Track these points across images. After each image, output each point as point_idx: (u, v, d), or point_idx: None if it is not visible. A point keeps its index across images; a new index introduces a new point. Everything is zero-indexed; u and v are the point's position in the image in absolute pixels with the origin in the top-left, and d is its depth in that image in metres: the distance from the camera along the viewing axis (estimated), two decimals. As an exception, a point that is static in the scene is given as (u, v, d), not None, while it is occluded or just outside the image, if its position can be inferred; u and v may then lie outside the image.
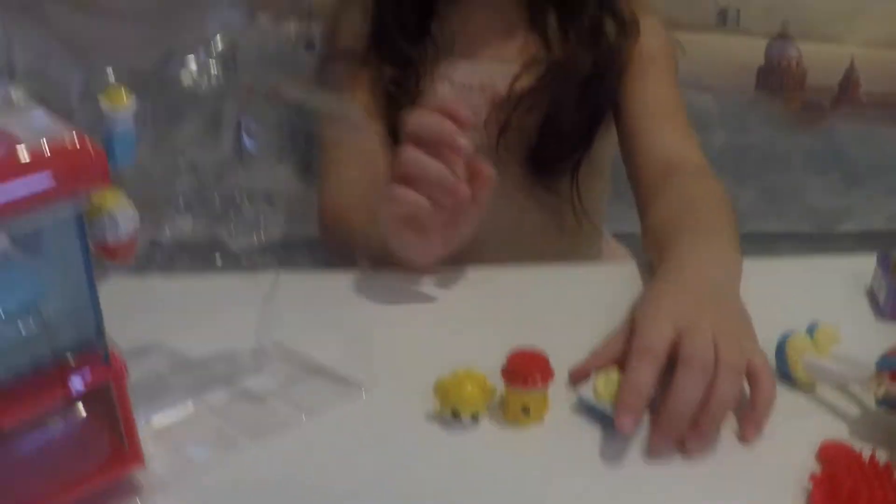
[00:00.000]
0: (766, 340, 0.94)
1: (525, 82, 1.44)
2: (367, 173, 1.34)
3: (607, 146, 1.49)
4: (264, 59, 1.63)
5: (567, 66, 1.43)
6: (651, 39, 1.47)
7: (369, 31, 1.50)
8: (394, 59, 1.48)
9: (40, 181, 0.60)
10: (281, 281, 0.89)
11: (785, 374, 0.93)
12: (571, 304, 1.12)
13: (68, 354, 0.67)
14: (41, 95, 0.71)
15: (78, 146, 0.62)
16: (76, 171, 0.62)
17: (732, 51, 2.20)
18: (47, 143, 0.61)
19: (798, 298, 1.10)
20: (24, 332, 0.64)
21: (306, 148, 1.31)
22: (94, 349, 0.68)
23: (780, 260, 1.34)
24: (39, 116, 0.67)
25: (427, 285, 1.15)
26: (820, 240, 2.40)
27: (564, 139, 1.43)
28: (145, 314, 0.97)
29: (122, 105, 0.70)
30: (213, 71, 0.86)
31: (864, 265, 1.18)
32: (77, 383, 0.67)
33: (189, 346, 0.95)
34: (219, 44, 0.87)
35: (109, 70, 0.77)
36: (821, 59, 2.24)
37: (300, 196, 1.28)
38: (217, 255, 0.87)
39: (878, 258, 1.15)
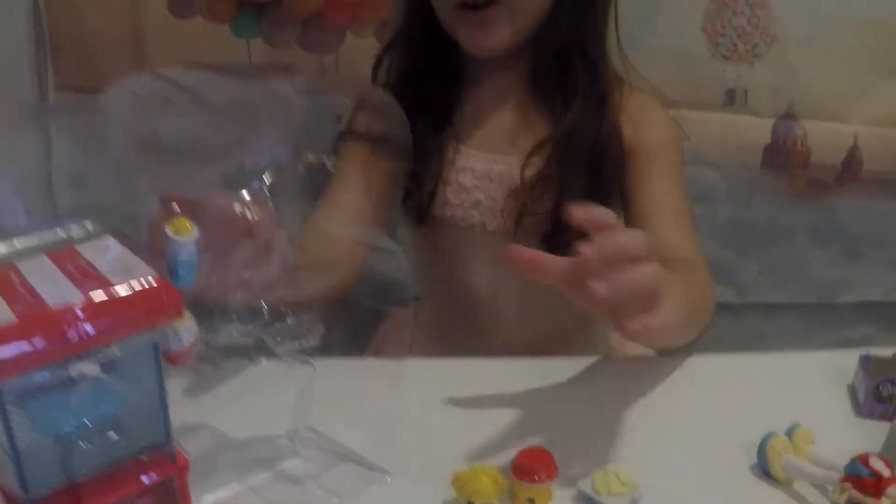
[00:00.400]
0: (751, 440, 1.03)
1: (536, 167, 1.51)
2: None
3: None
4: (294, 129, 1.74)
5: (570, 138, 1.49)
6: (658, 132, 1.54)
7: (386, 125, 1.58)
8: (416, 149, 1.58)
9: (128, 319, 0.72)
10: (315, 370, 1.00)
11: (765, 471, 1.02)
12: (579, 399, 1.22)
13: (142, 455, 0.78)
14: (113, 227, 0.83)
15: (156, 285, 0.73)
16: (156, 309, 0.73)
17: (739, 129, 2.24)
18: (132, 283, 0.72)
19: (782, 394, 1.21)
20: (106, 440, 0.75)
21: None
22: (163, 450, 0.79)
23: (766, 356, 1.39)
24: (115, 250, 0.79)
25: (448, 376, 1.24)
26: (820, 310, 2.43)
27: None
28: (194, 398, 1.07)
29: (186, 234, 0.82)
30: (267, 202, 0.96)
31: (848, 362, 1.26)
32: (148, 479, 0.78)
33: (233, 428, 1.05)
34: (268, 177, 0.97)
35: (175, 205, 0.88)
36: (825, 137, 2.27)
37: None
38: (262, 357, 0.98)
39: (860, 358, 1.23)
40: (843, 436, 1.07)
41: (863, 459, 0.94)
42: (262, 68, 1.10)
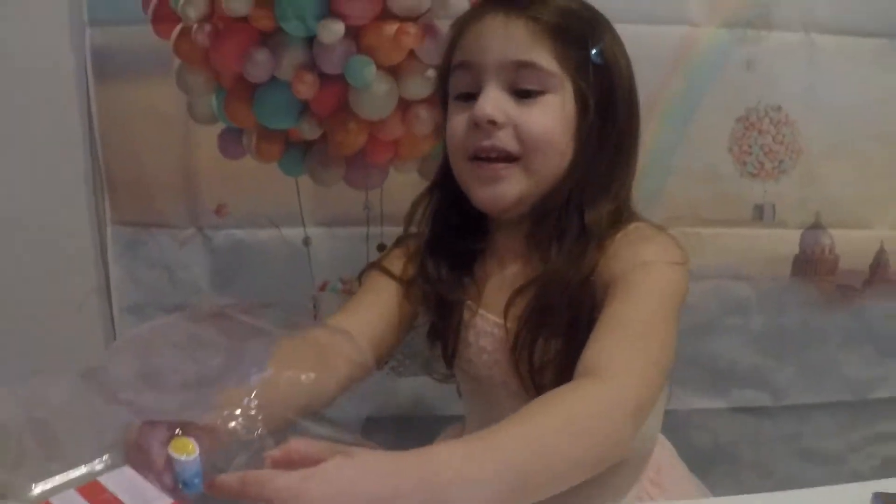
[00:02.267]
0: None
1: (515, 316, 1.57)
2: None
3: None
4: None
5: (548, 284, 1.54)
6: (647, 253, 1.50)
7: (416, 270, 1.69)
8: (438, 296, 1.66)
9: None
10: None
11: None
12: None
13: None
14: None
15: None
16: None
17: (769, 242, 2.29)
18: None
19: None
20: None
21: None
22: None
23: (786, 494, 1.45)
24: (133, 480, 0.93)
25: None
26: (855, 407, 2.48)
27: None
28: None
29: (188, 453, 0.95)
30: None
31: (863, 497, 1.33)
32: None
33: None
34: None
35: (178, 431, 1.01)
36: (852, 244, 2.32)
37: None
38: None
39: (872, 496, 1.30)
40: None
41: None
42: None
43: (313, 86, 2.14)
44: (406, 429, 2.29)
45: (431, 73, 2.09)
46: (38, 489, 0.90)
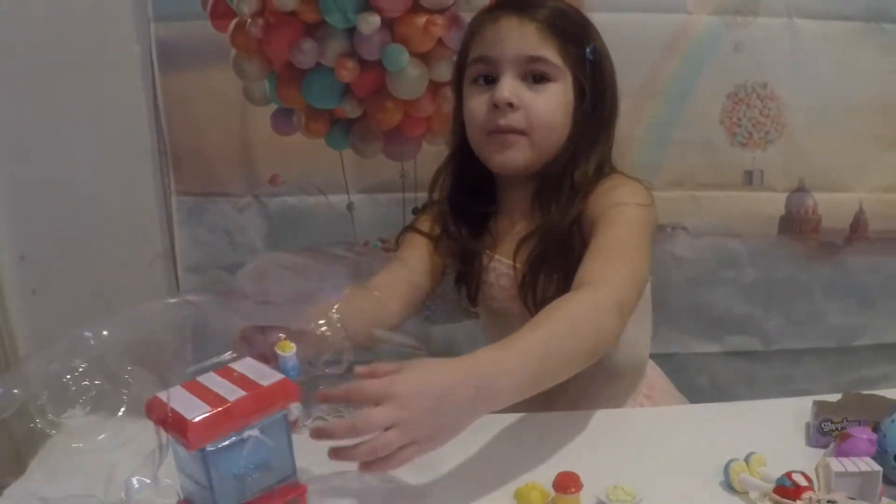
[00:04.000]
0: (722, 464, 1.42)
1: (524, 256, 1.85)
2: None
3: None
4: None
5: (547, 231, 1.82)
6: (615, 196, 1.78)
7: (442, 228, 1.97)
8: (462, 247, 1.94)
9: (270, 402, 1.21)
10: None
11: (728, 485, 1.41)
12: (598, 441, 1.61)
13: (280, 483, 1.23)
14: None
15: (282, 383, 1.22)
16: (284, 396, 1.23)
17: (758, 204, 2.46)
18: (270, 383, 1.20)
19: (754, 431, 1.58)
20: (262, 475, 1.20)
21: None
22: (291, 480, 1.26)
23: (750, 403, 1.76)
24: (253, 364, 1.26)
25: (509, 424, 1.64)
26: (840, 353, 2.64)
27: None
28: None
29: (289, 350, 1.32)
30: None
31: (804, 405, 1.60)
32: (283, 499, 1.23)
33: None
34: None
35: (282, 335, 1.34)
36: (834, 206, 2.48)
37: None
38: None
39: (812, 403, 1.57)
40: (796, 461, 1.40)
41: (788, 475, 1.33)
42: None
43: (354, 71, 2.35)
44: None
45: (457, 58, 2.32)
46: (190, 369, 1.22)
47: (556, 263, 1.80)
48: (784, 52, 2.42)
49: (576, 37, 1.82)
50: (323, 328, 1.37)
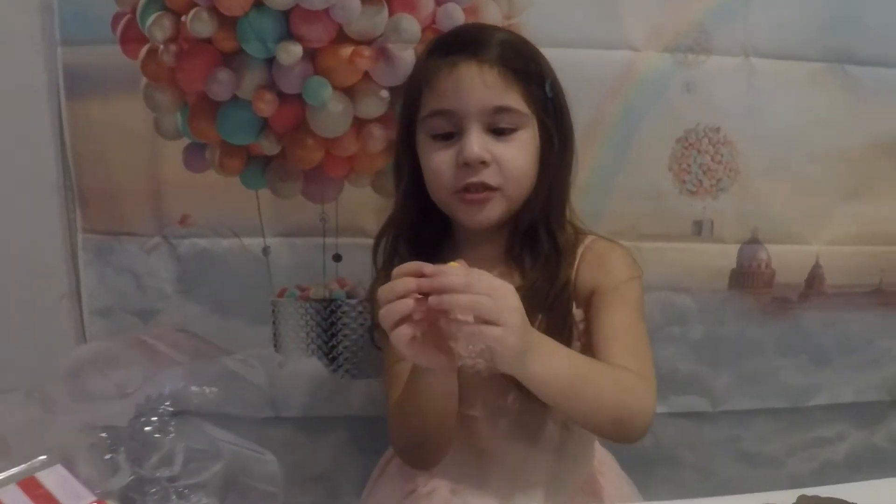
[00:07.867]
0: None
1: None
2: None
3: None
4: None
5: (531, 291, 1.71)
6: (616, 273, 1.78)
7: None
8: None
9: None
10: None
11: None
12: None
13: None
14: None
15: None
16: None
17: (707, 256, 2.35)
18: None
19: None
20: None
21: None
22: None
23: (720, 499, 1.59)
24: (65, 478, 1.08)
25: None
26: (793, 412, 2.54)
27: None
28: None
29: None
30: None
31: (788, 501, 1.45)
32: None
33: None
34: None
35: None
36: (789, 259, 2.38)
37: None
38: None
39: (797, 498, 1.44)
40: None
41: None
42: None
43: (273, 104, 2.22)
44: (359, 428, 2.42)
45: (385, 93, 2.19)
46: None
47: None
48: (739, 93, 2.30)
49: (536, 76, 1.78)
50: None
